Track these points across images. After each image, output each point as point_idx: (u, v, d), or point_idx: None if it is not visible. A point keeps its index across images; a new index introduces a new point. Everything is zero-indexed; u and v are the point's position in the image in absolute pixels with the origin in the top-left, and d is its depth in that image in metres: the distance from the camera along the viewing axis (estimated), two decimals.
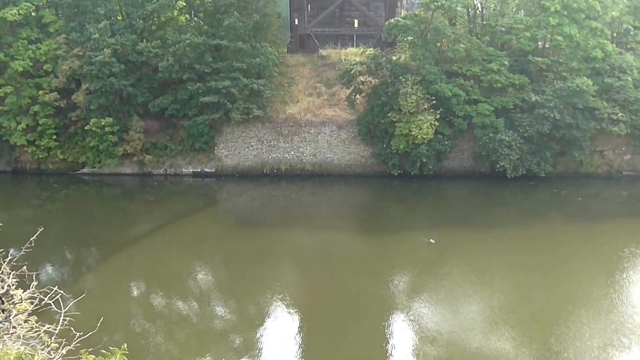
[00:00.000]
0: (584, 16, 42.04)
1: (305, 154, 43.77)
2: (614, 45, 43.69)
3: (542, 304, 25.32)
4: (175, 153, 44.54)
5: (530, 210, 37.62)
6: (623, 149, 43.11)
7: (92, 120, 42.72)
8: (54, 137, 44.43)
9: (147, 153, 44.05)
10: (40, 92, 44.10)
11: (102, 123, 42.64)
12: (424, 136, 40.21)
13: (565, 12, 41.50)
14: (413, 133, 40.06)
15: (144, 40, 44.52)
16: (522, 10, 45.67)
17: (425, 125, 39.99)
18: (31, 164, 45.76)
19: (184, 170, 44.31)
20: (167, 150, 44.55)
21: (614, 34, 45.51)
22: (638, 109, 41.97)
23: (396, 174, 41.95)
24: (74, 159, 44.65)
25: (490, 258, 29.94)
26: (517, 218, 36.15)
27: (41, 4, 46.66)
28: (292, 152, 43.82)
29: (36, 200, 42.41)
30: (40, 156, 44.80)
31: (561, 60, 42.57)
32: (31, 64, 44.49)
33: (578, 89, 40.19)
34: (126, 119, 44.14)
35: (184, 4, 46.47)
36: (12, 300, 10.77)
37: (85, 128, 43.17)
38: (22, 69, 44.02)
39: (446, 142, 41.59)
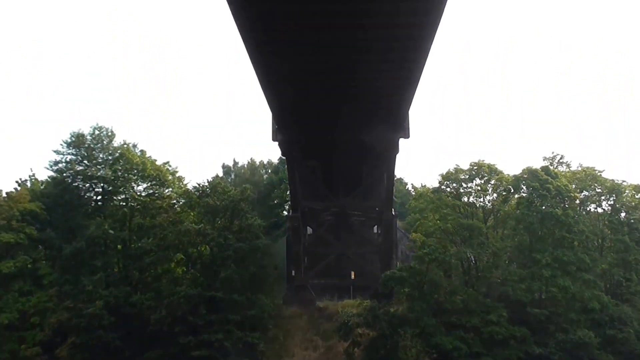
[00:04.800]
0: (575, 268, 43.09)
1: None
2: (609, 297, 44.07)
3: None
4: None
5: None
6: None
7: None
8: None
9: None
10: (22, 346, 41.82)
11: None
12: None
13: (557, 265, 42.58)
14: None
15: (138, 292, 44.12)
16: (515, 263, 46.77)
17: None
18: None
19: None
20: None
21: (607, 286, 46.18)
22: None
23: None
24: None
25: None
26: None
27: (39, 256, 46.93)
28: None
29: None
30: None
31: (560, 312, 42.39)
32: (18, 316, 42.99)
33: (581, 341, 39.64)
34: None
35: (182, 256, 47.07)
36: None
37: None
38: (7, 321, 42.37)
39: None
